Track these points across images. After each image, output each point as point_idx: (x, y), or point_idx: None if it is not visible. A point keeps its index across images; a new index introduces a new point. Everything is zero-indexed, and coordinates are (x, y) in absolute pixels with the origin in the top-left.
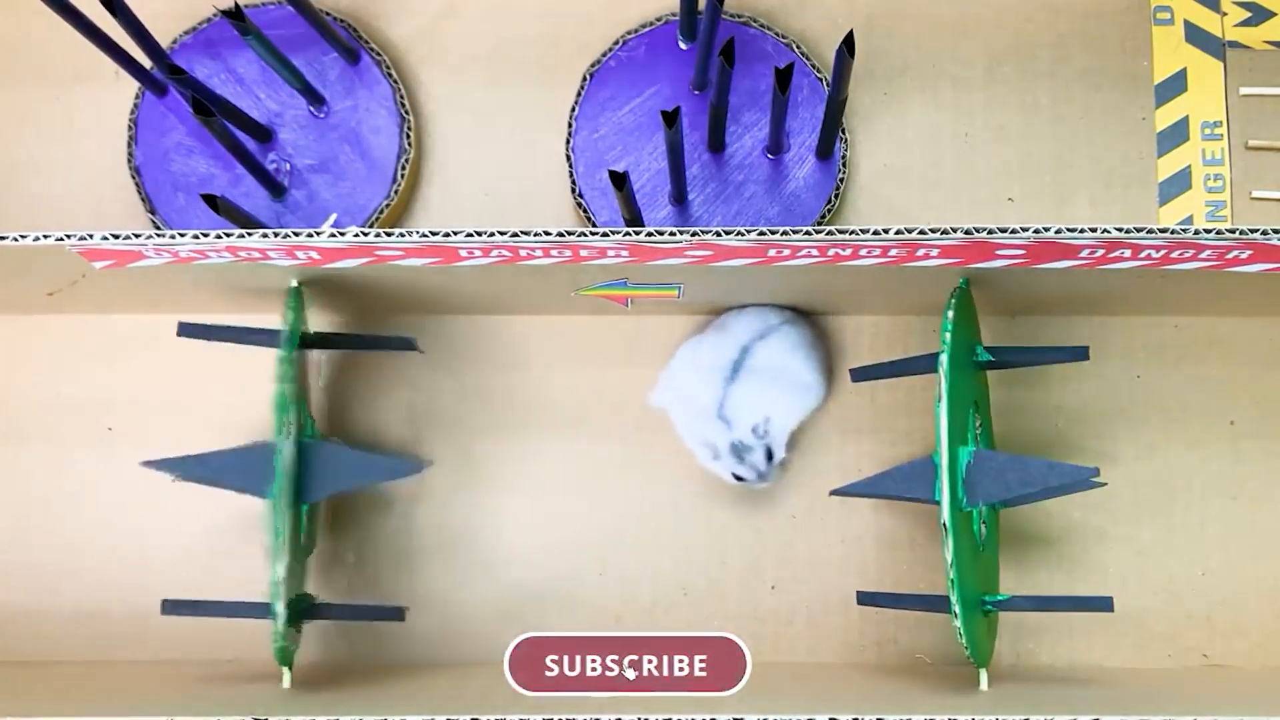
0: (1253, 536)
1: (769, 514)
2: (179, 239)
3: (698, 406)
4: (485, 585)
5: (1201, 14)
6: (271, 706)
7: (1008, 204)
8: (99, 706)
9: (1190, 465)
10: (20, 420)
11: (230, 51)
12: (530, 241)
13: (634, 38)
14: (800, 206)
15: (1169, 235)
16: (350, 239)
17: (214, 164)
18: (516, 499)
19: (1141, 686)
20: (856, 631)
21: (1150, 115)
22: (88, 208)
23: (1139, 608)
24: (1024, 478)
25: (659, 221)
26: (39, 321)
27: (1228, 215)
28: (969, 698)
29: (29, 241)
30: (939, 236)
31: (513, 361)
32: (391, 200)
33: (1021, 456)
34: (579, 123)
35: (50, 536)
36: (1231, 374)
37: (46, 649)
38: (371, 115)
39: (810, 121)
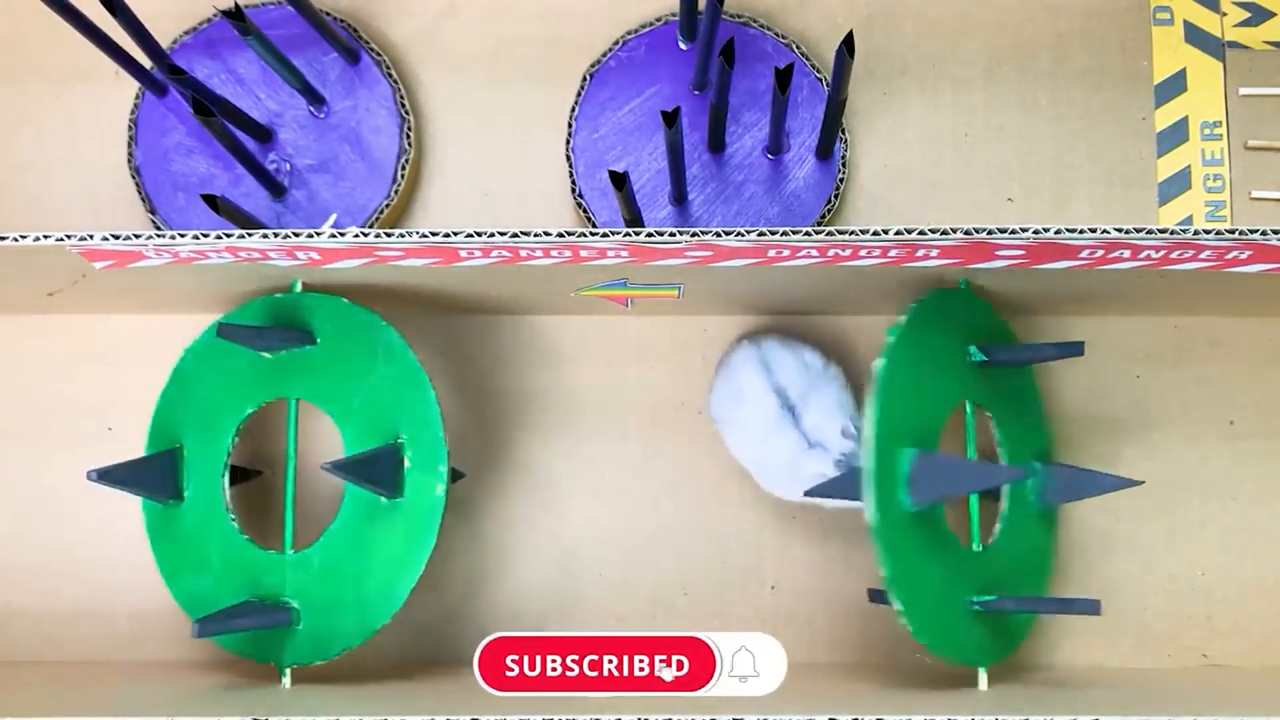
0: (1253, 536)
1: (769, 514)
2: (179, 239)
3: (778, 450)
4: (485, 586)
5: (1201, 14)
6: (271, 706)
7: (1008, 204)
8: (99, 706)
9: (1190, 465)
10: (20, 420)
11: (230, 51)
12: (530, 242)
13: (634, 38)
14: (800, 206)
15: (1169, 235)
16: (350, 239)
17: (214, 164)
18: (516, 499)
19: (1141, 686)
20: (856, 631)
21: (1150, 115)
22: (88, 208)
23: (1139, 608)
24: (965, 479)
25: (659, 221)
26: (39, 321)
27: (1227, 215)
28: (969, 698)
29: (29, 241)
30: (939, 237)
31: (512, 362)
32: (391, 200)
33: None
34: (579, 123)
35: (50, 536)
36: (1231, 374)
37: (46, 649)
38: (371, 115)
39: (810, 121)
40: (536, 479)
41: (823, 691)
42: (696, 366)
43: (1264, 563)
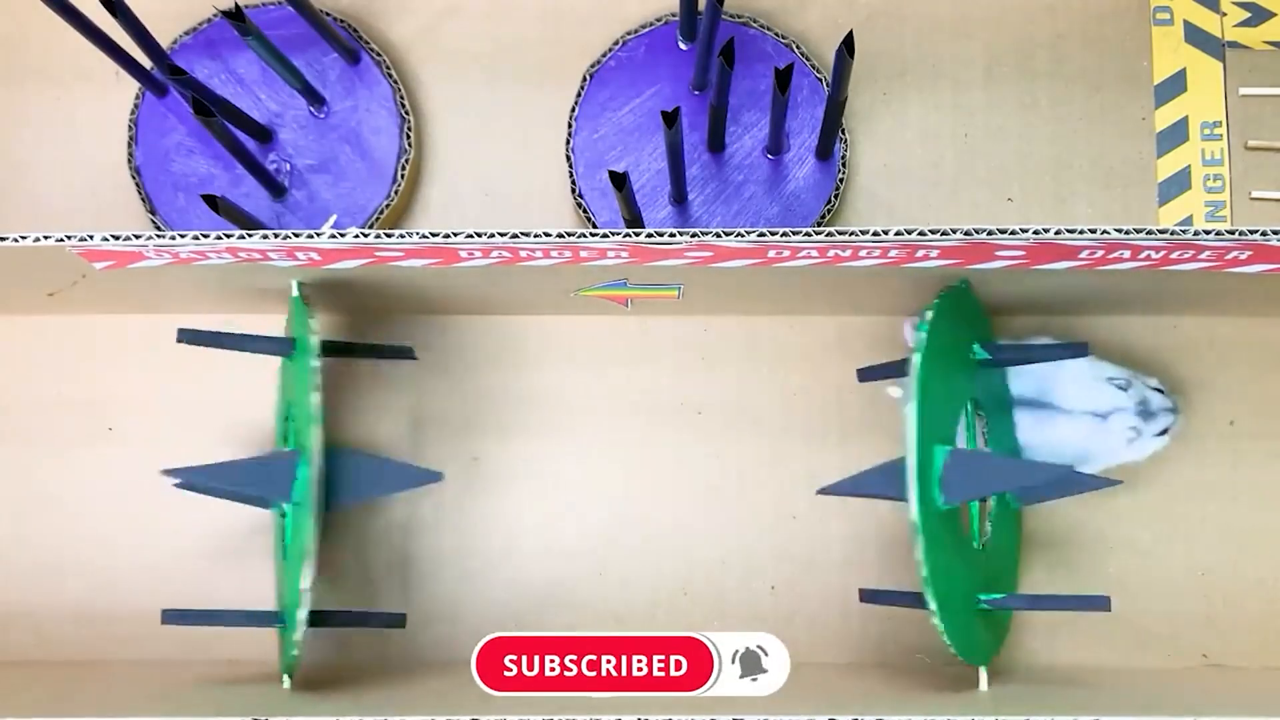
0: (1253, 536)
1: (769, 514)
2: (179, 240)
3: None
4: (485, 586)
5: (1201, 14)
6: (271, 707)
7: (1007, 204)
8: (99, 706)
9: (1190, 465)
10: (20, 420)
11: (230, 52)
12: (530, 242)
13: (634, 38)
14: (800, 207)
15: (1169, 236)
16: (350, 240)
17: (214, 164)
18: (516, 500)
19: (1141, 686)
20: (857, 631)
21: (1150, 115)
22: (88, 208)
23: (1139, 608)
24: (1000, 477)
25: (659, 222)
26: (39, 321)
27: (1227, 215)
28: (969, 698)
29: (29, 242)
30: (939, 237)
31: (512, 362)
32: (391, 200)
33: (999, 456)
34: (579, 123)
35: (50, 536)
36: (1231, 374)
37: (46, 649)
38: (371, 115)
39: (810, 122)
40: (536, 479)
41: (823, 691)
42: (696, 366)
43: (1264, 563)
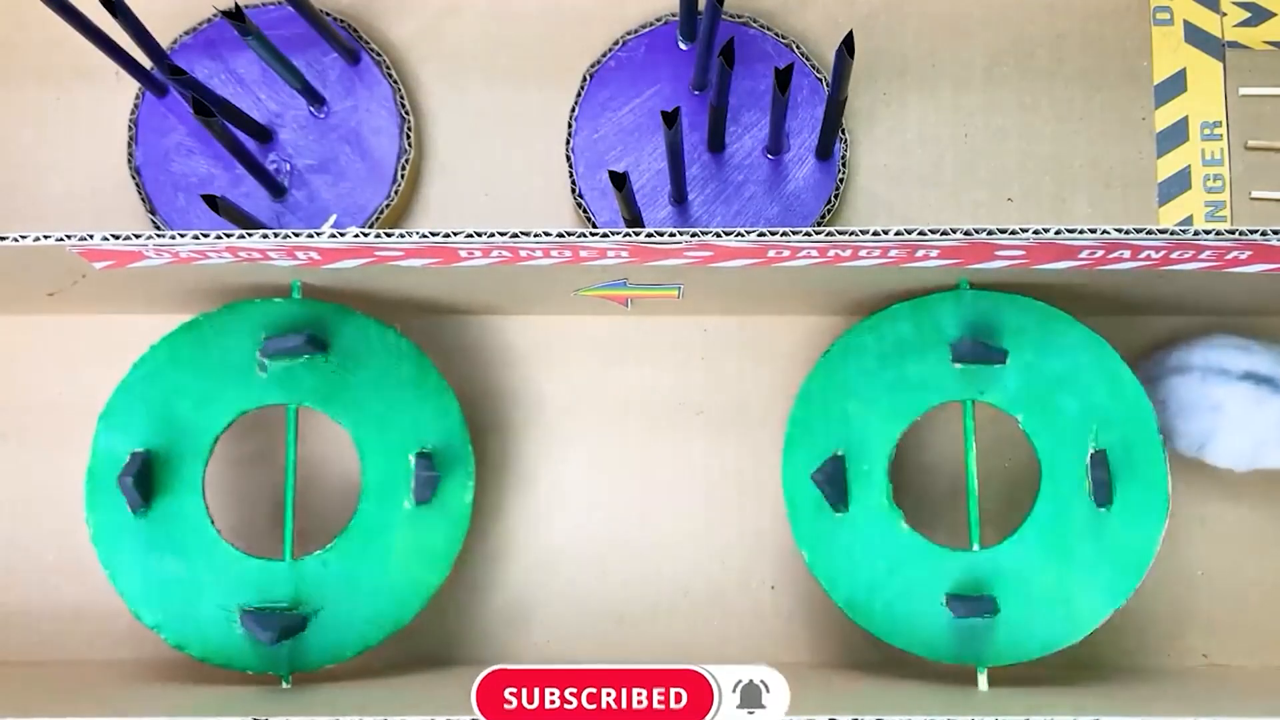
0: (1253, 536)
1: (769, 514)
2: (179, 239)
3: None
4: (485, 587)
5: (1201, 14)
6: (271, 707)
7: (1007, 204)
8: (99, 706)
9: (1190, 465)
10: (20, 420)
11: (230, 52)
12: (530, 242)
13: (634, 38)
14: (800, 207)
15: (1169, 236)
16: (350, 239)
17: (214, 164)
18: (516, 500)
19: (1141, 686)
20: (857, 631)
21: (1150, 115)
22: (88, 208)
23: (1140, 608)
24: None
25: (659, 222)
26: (39, 321)
27: (1227, 215)
28: (969, 698)
29: (29, 241)
30: (939, 237)
31: (512, 362)
32: (391, 200)
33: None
34: (579, 123)
35: (49, 536)
36: None
37: (46, 649)
38: (371, 115)
39: (810, 122)
40: (536, 479)
41: (823, 691)
42: (696, 366)
43: (1264, 563)
